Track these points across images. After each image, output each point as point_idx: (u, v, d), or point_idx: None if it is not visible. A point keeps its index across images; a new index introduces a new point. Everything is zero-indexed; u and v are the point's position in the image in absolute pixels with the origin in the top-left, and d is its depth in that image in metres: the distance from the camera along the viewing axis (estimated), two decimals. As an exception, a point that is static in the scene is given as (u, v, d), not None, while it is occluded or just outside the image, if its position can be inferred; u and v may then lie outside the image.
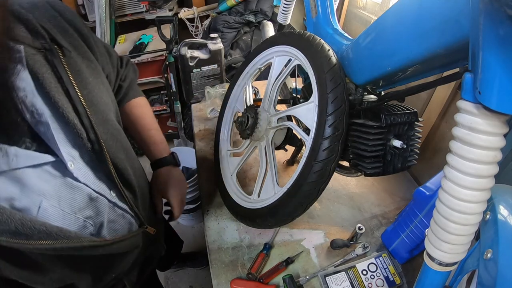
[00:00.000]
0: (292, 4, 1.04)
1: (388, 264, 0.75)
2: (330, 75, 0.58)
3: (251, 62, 0.88)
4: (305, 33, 0.69)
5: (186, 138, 2.12)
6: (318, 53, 0.62)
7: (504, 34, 0.28)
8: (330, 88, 0.57)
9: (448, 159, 0.38)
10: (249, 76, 0.90)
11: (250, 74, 0.89)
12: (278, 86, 0.75)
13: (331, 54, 0.61)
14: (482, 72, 0.31)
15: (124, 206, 0.57)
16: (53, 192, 0.44)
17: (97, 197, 0.50)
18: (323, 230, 0.84)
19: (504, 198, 0.45)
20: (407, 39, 0.45)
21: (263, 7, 1.91)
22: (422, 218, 0.70)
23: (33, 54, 0.42)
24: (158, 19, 1.67)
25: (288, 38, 0.74)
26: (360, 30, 0.83)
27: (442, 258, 0.40)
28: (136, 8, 1.74)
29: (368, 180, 1.01)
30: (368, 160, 0.60)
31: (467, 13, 0.34)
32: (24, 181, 0.40)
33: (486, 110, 0.33)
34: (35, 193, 0.41)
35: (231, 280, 0.72)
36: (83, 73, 0.49)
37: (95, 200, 0.50)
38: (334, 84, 0.57)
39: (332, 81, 0.58)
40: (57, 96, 0.43)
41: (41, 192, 0.42)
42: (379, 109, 0.59)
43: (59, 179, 0.45)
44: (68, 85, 0.45)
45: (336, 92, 0.57)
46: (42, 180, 0.42)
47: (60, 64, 0.45)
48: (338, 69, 0.59)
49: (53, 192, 0.44)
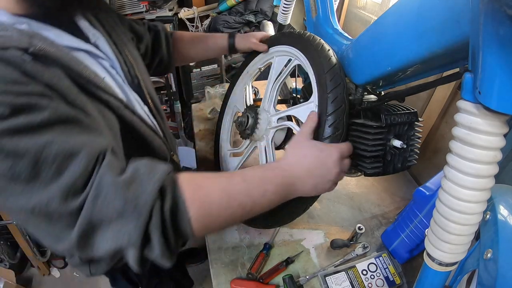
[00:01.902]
0: (292, 4, 1.04)
1: (388, 264, 0.75)
2: (330, 75, 0.58)
3: (251, 62, 0.88)
4: (305, 33, 0.69)
5: (186, 138, 2.12)
6: (318, 53, 0.62)
7: (504, 34, 0.28)
8: (330, 88, 0.57)
9: (448, 159, 0.38)
10: (249, 76, 0.90)
11: (250, 74, 0.89)
12: (278, 86, 0.75)
13: (331, 54, 0.61)
14: (482, 72, 0.31)
15: (154, 121, 0.68)
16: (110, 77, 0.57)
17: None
18: (323, 230, 0.84)
19: (504, 198, 0.45)
20: (407, 39, 0.45)
21: (263, 7, 1.91)
22: (422, 218, 0.70)
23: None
24: (158, 19, 1.67)
25: (288, 38, 0.74)
26: (360, 30, 0.83)
27: (442, 258, 0.40)
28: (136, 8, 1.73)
29: (368, 180, 1.01)
30: (368, 160, 0.60)
31: (467, 13, 0.34)
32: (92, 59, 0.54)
33: (486, 110, 0.33)
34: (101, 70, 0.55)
35: (231, 280, 0.72)
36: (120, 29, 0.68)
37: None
38: (334, 84, 0.57)
39: (332, 81, 0.58)
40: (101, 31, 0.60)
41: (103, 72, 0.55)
42: (379, 109, 0.59)
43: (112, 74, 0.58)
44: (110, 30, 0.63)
45: (336, 92, 0.57)
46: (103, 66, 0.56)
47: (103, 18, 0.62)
48: (338, 69, 0.59)
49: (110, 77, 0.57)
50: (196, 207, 0.41)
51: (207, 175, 0.46)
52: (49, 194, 0.36)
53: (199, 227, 0.42)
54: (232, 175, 0.48)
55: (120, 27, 0.70)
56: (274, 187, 0.48)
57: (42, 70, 0.41)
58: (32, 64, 0.40)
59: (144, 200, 0.38)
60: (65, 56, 0.45)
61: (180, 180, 0.42)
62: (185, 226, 0.41)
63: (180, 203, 0.41)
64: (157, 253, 0.39)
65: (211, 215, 0.43)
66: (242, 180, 0.46)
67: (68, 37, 0.51)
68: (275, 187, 0.48)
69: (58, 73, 0.43)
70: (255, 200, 0.46)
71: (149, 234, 0.38)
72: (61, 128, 0.39)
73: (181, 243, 0.43)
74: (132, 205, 0.37)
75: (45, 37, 0.45)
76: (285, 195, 0.51)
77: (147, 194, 0.38)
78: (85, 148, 0.39)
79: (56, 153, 0.36)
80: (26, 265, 1.73)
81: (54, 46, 0.45)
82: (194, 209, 0.41)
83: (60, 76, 0.43)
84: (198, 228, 0.42)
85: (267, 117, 0.73)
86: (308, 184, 0.52)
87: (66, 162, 0.37)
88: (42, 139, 0.36)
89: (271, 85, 0.75)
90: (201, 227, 0.42)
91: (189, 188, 0.42)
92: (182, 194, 0.41)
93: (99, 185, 0.37)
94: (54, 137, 0.37)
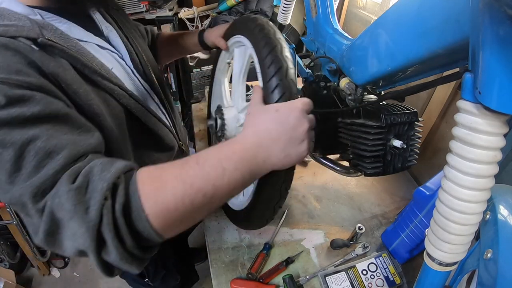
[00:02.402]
0: (292, 4, 1.04)
1: (388, 264, 0.75)
2: (270, 58, 0.52)
3: (219, 58, 0.86)
4: (247, 16, 0.65)
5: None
6: (259, 35, 0.57)
7: (504, 34, 0.28)
8: (266, 53, 0.53)
9: (448, 159, 0.38)
10: (222, 72, 0.87)
11: (222, 70, 0.87)
12: (242, 79, 0.71)
13: (272, 34, 0.56)
14: (482, 72, 0.31)
15: (164, 111, 0.73)
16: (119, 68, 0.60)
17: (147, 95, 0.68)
18: (323, 230, 0.84)
19: (504, 198, 0.45)
20: (407, 39, 0.44)
21: (263, 7, 1.91)
22: (422, 218, 0.70)
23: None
24: (158, 19, 1.67)
25: (236, 25, 0.71)
26: (360, 30, 0.83)
27: (442, 258, 0.40)
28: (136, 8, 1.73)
29: (368, 180, 1.01)
30: (368, 160, 0.60)
31: (467, 13, 0.34)
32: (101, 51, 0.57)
33: (486, 110, 0.33)
34: (109, 62, 0.57)
35: (231, 280, 0.72)
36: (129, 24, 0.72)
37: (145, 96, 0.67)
38: (275, 69, 0.52)
39: (273, 65, 0.52)
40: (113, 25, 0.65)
41: (112, 63, 0.59)
42: (379, 109, 0.59)
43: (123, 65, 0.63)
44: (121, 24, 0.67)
45: (272, 56, 0.52)
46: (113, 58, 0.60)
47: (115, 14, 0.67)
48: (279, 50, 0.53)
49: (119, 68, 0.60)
50: (152, 202, 0.37)
51: (164, 165, 0.41)
52: (22, 190, 0.36)
53: (161, 224, 0.38)
54: (187, 160, 0.42)
55: (130, 23, 0.75)
56: (234, 163, 0.42)
57: (48, 60, 0.43)
58: (40, 54, 0.43)
59: (93, 201, 0.36)
60: (73, 48, 0.48)
61: (137, 176, 0.39)
62: (143, 225, 0.37)
63: (134, 200, 0.37)
64: (114, 256, 0.36)
65: (169, 208, 0.38)
66: (195, 163, 0.41)
67: (79, 30, 0.54)
68: (235, 163, 0.42)
69: (64, 63, 0.46)
70: (214, 182, 0.40)
71: (103, 236, 0.36)
72: (50, 124, 0.40)
73: (147, 245, 0.40)
74: (83, 208, 0.36)
75: (56, 28, 0.47)
76: (251, 172, 0.44)
77: (97, 192, 0.36)
78: (66, 149, 0.39)
79: (39, 149, 0.37)
80: (26, 265, 1.73)
81: (63, 38, 0.47)
82: (150, 205, 0.37)
83: (65, 67, 0.46)
84: (160, 225, 0.38)
85: (235, 115, 0.69)
86: (274, 151, 0.44)
87: (45, 160, 0.37)
88: (29, 133, 0.37)
89: (235, 79, 0.71)
90: (163, 223, 0.38)
91: (146, 182, 0.38)
92: (137, 190, 0.37)
93: (56, 191, 0.37)
94: (41, 132, 0.38)
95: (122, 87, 0.56)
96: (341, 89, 0.67)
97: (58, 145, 0.38)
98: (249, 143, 0.44)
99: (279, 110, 0.46)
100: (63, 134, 0.40)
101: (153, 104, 0.69)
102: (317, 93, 0.76)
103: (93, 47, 0.55)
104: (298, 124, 0.45)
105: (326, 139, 0.71)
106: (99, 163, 0.39)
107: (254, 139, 0.45)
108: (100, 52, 0.57)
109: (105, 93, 0.53)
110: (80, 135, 0.42)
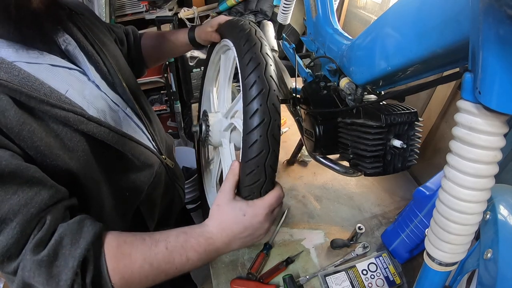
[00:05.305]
0: (292, 4, 1.04)
1: (388, 264, 0.75)
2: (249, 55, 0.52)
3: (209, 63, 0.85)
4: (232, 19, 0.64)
5: (186, 138, 2.12)
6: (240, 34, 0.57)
7: (504, 34, 0.28)
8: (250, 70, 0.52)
9: (448, 159, 0.38)
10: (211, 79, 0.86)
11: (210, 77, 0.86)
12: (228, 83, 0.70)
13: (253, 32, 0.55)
14: (482, 72, 0.31)
15: (139, 123, 0.67)
16: (79, 87, 0.54)
17: (117, 109, 0.61)
18: (323, 230, 0.84)
19: (504, 198, 0.45)
20: (407, 39, 0.44)
21: (263, 7, 1.90)
22: (422, 218, 0.70)
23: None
24: (158, 19, 1.67)
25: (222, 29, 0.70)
26: (360, 30, 0.83)
27: (442, 258, 0.40)
28: (136, 8, 1.73)
29: (368, 180, 1.01)
30: (368, 160, 0.60)
31: (467, 13, 0.34)
32: (55, 71, 0.51)
33: (486, 110, 0.33)
34: (64, 82, 0.51)
35: (231, 280, 0.72)
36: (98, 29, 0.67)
37: (115, 111, 0.61)
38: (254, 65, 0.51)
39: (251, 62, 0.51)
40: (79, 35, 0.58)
41: (68, 83, 0.52)
42: (379, 109, 0.59)
43: (84, 81, 0.57)
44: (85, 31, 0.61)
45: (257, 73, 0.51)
46: (71, 76, 0.54)
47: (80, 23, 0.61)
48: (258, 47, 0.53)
49: (78, 87, 0.54)
50: (119, 277, 0.44)
51: (132, 240, 0.47)
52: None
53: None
54: (157, 243, 0.48)
55: (99, 26, 0.69)
56: (198, 255, 0.49)
57: None
58: None
59: (65, 277, 0.40)
60: (15, 78, 0.43)
61: (105, 248, 0.44)
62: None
63: (103, 275, 0.43)
64: None
65: (133, 282, 0.46)
66: (164, 248, 0.47)
67: (27, 52, 0.48)
68: (199, 255, 0.49)
69: (3, 103, 0.41)
70: (177, 267, 0.48)
71: None
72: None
73: None
74: (55, 282, 0.40)
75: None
76: (210, 259, 0.53)
77: (68, 269, 0.40)
78: (20, 214, 0.39)
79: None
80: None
81: (4, 68, 0.43)
82: (116, 279, 0.44)
83: (6, 107, 0.41)
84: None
85: (220, 120, 0.69)
86: (234, 245, 0.53)
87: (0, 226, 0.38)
88: None
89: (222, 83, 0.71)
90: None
91: (113, 257, 0.44)
92: (105, 265, 0.43)
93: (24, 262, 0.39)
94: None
95: (78, 112, 0.49)
96: (341, 89, 0.67)
97: (10, 211, 0.39)
98: (213, 239, 0.51)
99: (246, 215, 0.51)
100: (13, 195, 0.39)
101: (125, 119, 0.63)
102: (317, 93, 0.76)
103: (45, 68, 0.50)
104: (260, 227, 0.53)
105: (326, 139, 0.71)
106: (68, 233, 0.42)
107: (219, 237, 0.51)
108: (53, 72, 0.51)
109: (57, 125, 0.47)
110: (32, 190, 0.41)
